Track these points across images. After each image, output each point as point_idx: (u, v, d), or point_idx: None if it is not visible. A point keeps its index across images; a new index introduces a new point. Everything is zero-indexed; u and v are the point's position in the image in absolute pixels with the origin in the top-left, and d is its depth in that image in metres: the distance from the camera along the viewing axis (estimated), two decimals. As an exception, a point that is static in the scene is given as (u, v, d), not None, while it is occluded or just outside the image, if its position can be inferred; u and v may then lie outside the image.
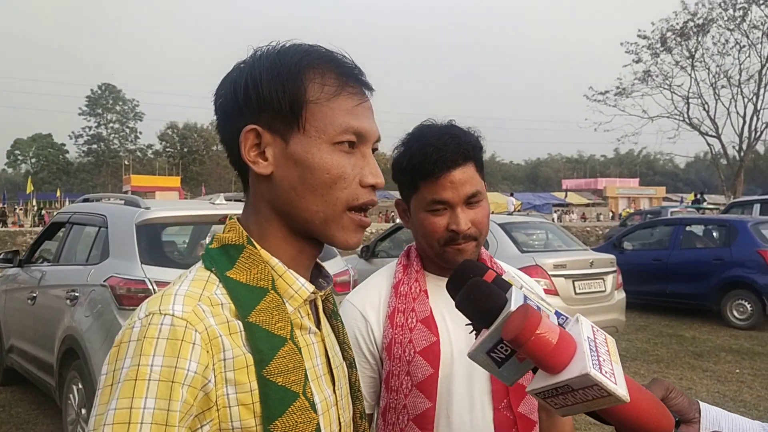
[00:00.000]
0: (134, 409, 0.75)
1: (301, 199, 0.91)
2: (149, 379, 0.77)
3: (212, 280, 0.89)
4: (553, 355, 0.77)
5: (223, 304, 0.87)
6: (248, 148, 0.91)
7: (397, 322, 1.43)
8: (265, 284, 0.90)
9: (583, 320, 0.85)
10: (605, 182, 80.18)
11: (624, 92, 33.45)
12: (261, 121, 0.91)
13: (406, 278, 1.50)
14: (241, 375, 0.83)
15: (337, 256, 5.43)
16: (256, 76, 0.91)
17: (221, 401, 0.82)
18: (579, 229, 31.49)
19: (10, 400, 6.14)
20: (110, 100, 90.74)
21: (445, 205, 1.40)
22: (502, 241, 7.47)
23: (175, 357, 0.78)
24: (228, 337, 0.84)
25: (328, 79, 0.92)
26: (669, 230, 11.38)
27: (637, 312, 10.60)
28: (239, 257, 0.91)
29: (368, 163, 0.95)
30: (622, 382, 0.77)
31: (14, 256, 6.28)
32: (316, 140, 0.91)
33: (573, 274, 7.25)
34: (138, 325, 0.81)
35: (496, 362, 0.87)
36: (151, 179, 61.24)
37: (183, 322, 0.81)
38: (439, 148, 1.39)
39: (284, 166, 0.91)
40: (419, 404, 1.38)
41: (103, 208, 5.34)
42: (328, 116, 0.91)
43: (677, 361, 7.76)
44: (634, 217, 25.76)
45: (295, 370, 0.87)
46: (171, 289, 0.86)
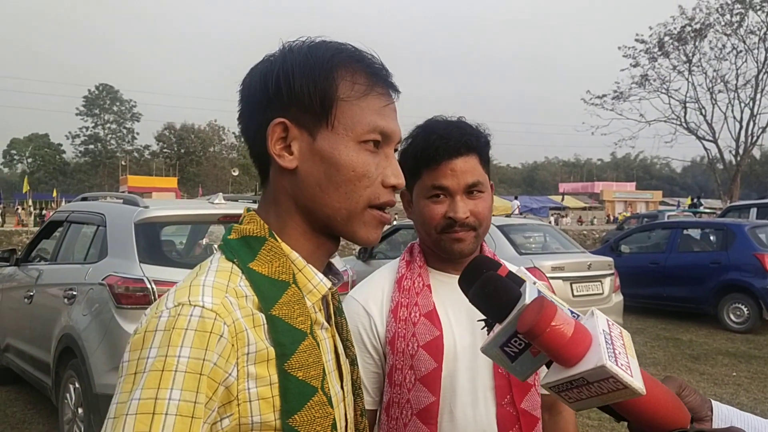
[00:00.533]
0: (159, 400, 0.74)
1: (325, 195, 0.91)
2: (176, 370, 0.75)
3: (235, 271, 0.89)
4: (568, 348, 0.77)
5: (247, 296, 0.86)
6: (275, 140, 0.91)
7: (401, 316, 1.43)
8: (286, 277, 0.90)
9: (599, 314, 0.84)
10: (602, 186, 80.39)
11: (621, 96, 33.54)
12: (290, 115, 0.91)
13: (409, 273, 1.50)
14: (261, 368, 0.83)
15: (335, 257, 5.42)
16: (288, 69, 0.91)
17: (242, 396, 0.81)
18: (576, 232, 31.50)
19: (6, 399, 6.12)
20: (107, 100, 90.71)
21: (444, 192, 1.41)
22: (500, 243, 7.47)
23: (203, 349, 0.77)
24: (252, 330, 0.83)
25: (358, 78, 0.92)
26: (666, 234, 11.40)
27: (634, 315, 10.60)
28: (261, 249, 0.91)
29: (391, 164, 0.95)
30: (638, 375, 0.76)
31: (11, 255, 6.25)
32: (344, 137, 0.91)
33: (571, 276, 7.27)
34: (166, 315, 0.80)
35: (510, 357, 0.86)
36: (148, 180, 61.17)
37: (212, 314, 0.80)
38: (443, 136, 1.41)
39: (310, 162, 0.91)
40: (423, 399, 1.38)
41: (102, 206, 5.32)
42: (357, 115, 0.92)
43: (674, 364, 7.77)
44: (631, 220, 25.83)
45: (314, 365, 0.87)
46: (198, 280, 0.85)
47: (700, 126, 33.14)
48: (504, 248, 7.44)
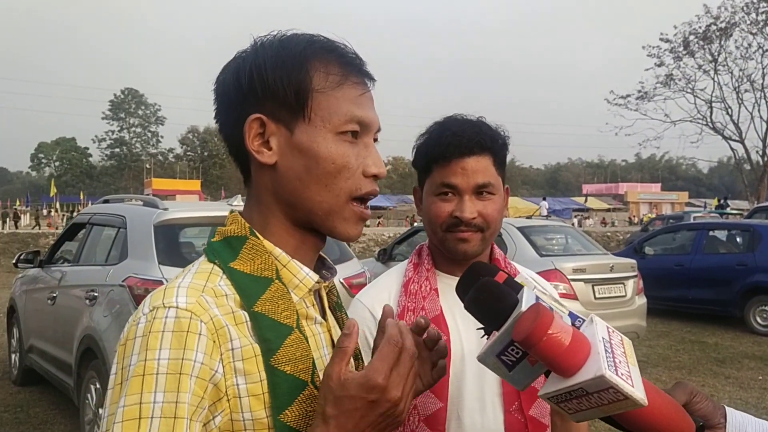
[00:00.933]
0: (144, 404, 0.74)
1: (306, 189, 0.90)
2: (157, 373, 0.75)
3: (215, 271, 0.88)
4: (566, 357, 0.74)
5: (227, 294, 0.86)
6: (252, 137, 0.90)
7: (407, 320, 1.40)
8: (269, 274, 0.89)
9: (598, 321, 0.81)
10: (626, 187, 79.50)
11: (646, 96, 33.07)
12: (265, 110, 0.90)
13: (417, 277, 1.47)
14: (249, 365, 0.82)
15: (353, 258, 5.42)
16: (261, 64, 0.90)
17: (231, 391, 0.81)
18: (599, 234, 31.18)
19: (29, 400, 6.20)
20: (133, 104, 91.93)
21: (453, 191, 1.38)
22: (521, 245, 7.41)
23: (181, 349, 0.77)
24: (234, 327, 0.83)
25: (332, 69, 0.91)
26: (692, 235, 11.22)
27: (658, 318, 10.45)
28: (242, 248, 0.90)
29: (371, 153, 0.94)
30: (639, 385, 0.73)
31: (35, 257, 6.35)
32: (321, 129, 0.90)
33: (592, 278, 7.17)
34: (143, 321, 0.80)
35: (507, 366, 0.84)
36: (172, 182, 61.89)
37: (188, 313, 0.79)
38: (456, 134, 1.37)
39: (289, 156, 0.90)
40: (430, 405, 1.35)
41: (123, 209, 5.38)
42: (333, 105, 0.90)
43: (699, 367, 7.63)
44: (656, 222, 25.48)
45: (303, 359, 0.86)
46: (174, 283, 0.85)
47: (727, 126, 32.59)
48: (524, 250, 7.37)
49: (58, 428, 5.40)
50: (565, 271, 7.00)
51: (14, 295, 6.97)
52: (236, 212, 0.96)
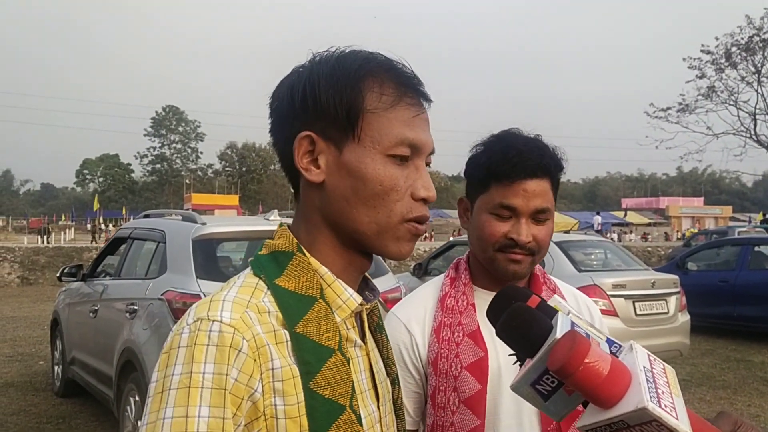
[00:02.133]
0: (190, 418, 0.74)
1: (353, 210, 0.89)
2: (202, 387, 0.76)
3: (260, 287, 0.87)
4: (604, 387, 0.70)
5: (270, 312, 0.85)
6: (302, 154, 0.90)
7: (444, 336, 1.39)
8: (313, 293, 0.88)
9: (638, 348, 0.77)
10: (668, 201, 77.90)
11: (687, 108, 32.37)
12: (316, 127, 0.89)
13: (453, 291, 1.45)
14: (288, 386, 0.81)
15: (388, 273, 5.40)
16: (315, 81, 0.89)
17: (269, 411, 0.80)
18: (639, 249, 30.55)
19: (71, 411, 6.31)
20: (173, 121, 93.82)
21: (511, 213, 1.36)
22: (559, 260, 7.29)
23: (224, 364, 0.77)
24: (275, 346, 0.82)
25: (386, 89, 0.90)
26: (736, 250, 10.92)
27: (702, 335, 10.15)
28: (288, 264, 0.89)
29: (421, 176, 0.92)
30: (684, 417, 0.69)
31: (78, 270, 6.49)
32: (371, 150, 0.88)
33: (633, 294, 7.01)
34: (187, 331, 0.80)
35: (542, 395, 0.80)
36: (211, 198, 62.77)
37: (231, 329, 0.79)
38: (522, 153, 1.35)
39: (337, 175, 0.89)
40: (467, 422, 1.33)
41: (162, 223, 5.47)
42: (384, 126, 0.89)
43: (745, 387, 7.38)
44: (699, 237, 24.90)
45: (342, 383, 0.84)
46: (219, 295, 0.85)
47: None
48: (563, 265, 7.25)
49: (99, 439, 5.48)
50: (605, 287, 6.85)
51: (57, 308, 7.13)
52: (285, 226, 0.95)
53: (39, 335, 10.49)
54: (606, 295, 6.82)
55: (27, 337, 10.72)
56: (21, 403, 6.59)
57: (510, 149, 1.36)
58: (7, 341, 10.30)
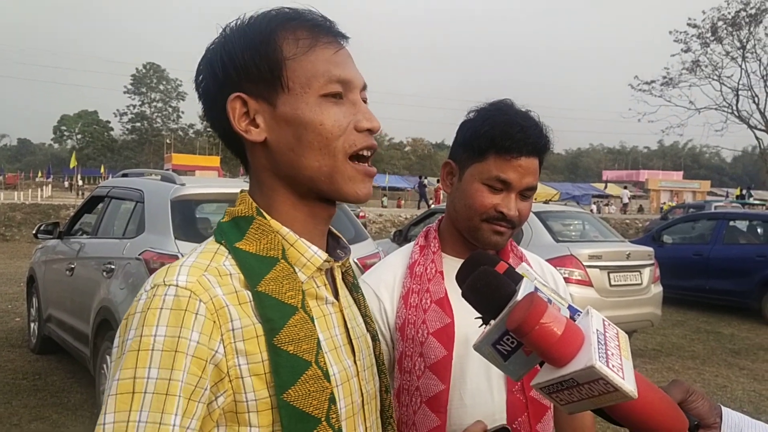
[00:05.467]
0: (138, 379, 0.76)
1: (301, 158, 0.90)
2: (152, 349, 0.77)
3: (221, 251, 0.89)
4: (558, 347, 0.74)
5: (231, 274, 0.86)
6: (237, 117, 0.91)
7: (411, 302, 1.41)
8: (275, 253, 0.89)
9: (594, 313, 0.81)
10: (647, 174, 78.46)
11: (671, 82, 32.53)
12: (244, 89, 0.90)
13: (422, 259, 1.47)
14: (251, 345, 0.83)
15: (368, 239, 5.42)
16: (230, 48, 0.91)
17: (233, 372, 0.81)
18: (618, 221, 30.91)
19: (47, 368, 6.32)
20: (154, 79, 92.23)
21: (503, 186, 1.38)
22: (537, 230, 7.36)
23: (178, 327, 0.78)
24: (237, 307, 0.84)
25: (300, 34, 0.91)
26: (711, 225, 11.10)
27: (674, 307, 10.38)
28: (249, 228, 0.91)
29: (360, 110, 0.93)
30: (630, 378, 0.73)
31: (54, 228, 6.43)
32: (303, 95, 0.89)
33: (608, 265, 7.12)
34: (144, 297, 0.82)
35: (502, 355, 0.84)
36: (192, 158, 62.07)
37: (187, 292, 0.80)
38: (525, 129, 1.37)
39: (277, 130, 0.90)
40: (432, 386, 1.36)
41: (140, 183, 5.42)
42: (308, 69, 0.90)
43: (713, 358, 7.59)
44: (676, 210, 25.22)
45: (306, 339, 0.86)
46: (179, 261, 0.86)
47: (753, 115, 31.98)
48: (541, 235, 7.32)
49: (75, 396, 5.50)
50: (581, 258, 6.95)
51: (34, 265, 7.08)
52: (245, 192, 0.96)
53: (15, 292, 10.42)
54: (582, 265, 6.92)
55: (3, 293, 10.65)
56: (-4, 360, 6.58)
57: (513, 124, 1.37)
58: (-18, 297, 10.24)
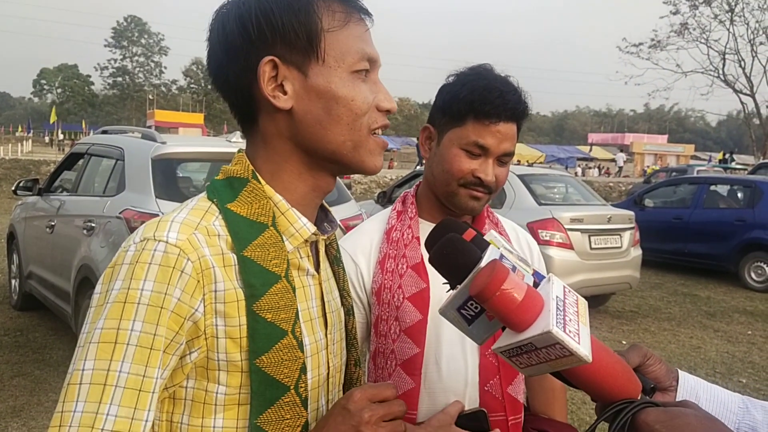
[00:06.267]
0: (121, 330, 0.77)
1: (328, 132, 0.90)
2: (138, 302, 0.78)
3: (212, 210, 0.89)
4: (517, 313, 0.77)
5: (220, 235, 0.86)
6: (266, 81, 0.88)
7: (388, 267, 1.42)
8: (265, 220, 0.89)
9: (555, 280, 0.83)
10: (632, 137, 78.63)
11: (659, 45, 32.47)
12: (276, 53, 0.88)
13: (399, 224, 1.48)
14: (231, 308, 0.84)
15: (351, 200, 5.42)
16: (267, 8, 0.88)
17: (210, 330, 0.83)
18: (602, 184, 31.09)
19: (28, 325, 6.32)
20: (136, 32, 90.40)
21: (482, 152, 1.38)
22: (520, 193, 7.40)
23: (165, 283, 0.79)
24: (222, 269, 0.84)
25: (335, 7, 0.90)
26: (692, 189, 11.20)
27: (653, 270, 10.54)
28: (242, 190, 0.90)
29: (381, 89, 0.94)
30: (586, 343, 0.75)
31: (33, 185, 6.36)
32: (337, 69, 0.89)
33: (589, 228, 7.19)
34: (132, 249, 0.81)
35: (467, 320, 0.86)
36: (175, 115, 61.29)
37: (177, 249, 0.81)
38: (504, 95, 1.36)
39: (306, 100, 0.89)
40: (407, 350, 1.38)
41: (121, 141, 5.35)
42: (344, 44, 0.89)
43: (689, 320, 7.74)
44: (659, 174, 25.41)
45: (286, 308, 0.87)
46: (169, 216, 0.86)
47: (738, 79, 32.10)
48: (523, 198, 7.36)
49: (56, 353, 5.52)
50: (563, 221, 7.01)
51: (14, 221, 7.01)
52: (243, 152, 0.95)
53: (-5, 248, 10.35)
54: (563, 228, 6.98)
55: (-17, 250, 10.58)
56: (-23, 316, 6.57)
57: (492, 89, 1.36)
58: (-38, 253, 10.16)
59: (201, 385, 0.84)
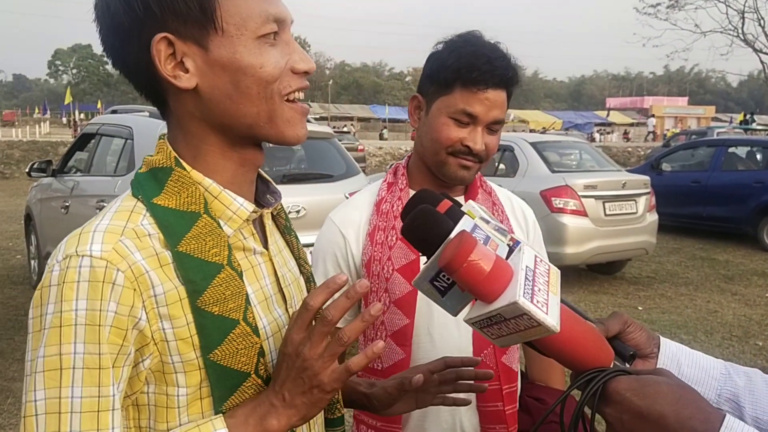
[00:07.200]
0: (64, 355, 0.74)
1: (239, 106, 0.84)
2: (75, 324, 0.74)
3: (138, 209, 0.83)
4: (485, 284, 0.76)
5: (150, 234, 0.81)
6: (163, 60, 0.81)
7: (377, 239, 1.41)
8: (196, 208, 0.84)
9: (526, 250, 0.82)
10: (652, 101, 77.54)
11: (676, 5, 31.64)
12: (169, 29, 0.81)
13: (389, 196, 1.47)
14: (174, 309, 0.80)
15: (359, 174, 5.39)
16: None
17: (158, 335, 0.79)
18: (620, 149, 30.75)
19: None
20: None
21: (470, 120, 1.36)
22: (533, 161, 7.34)
23: (98, 300, 0.75)
24: (159, 270, 0.80)
25: None
26: (711, 151, 11.02)
27: (671, 234, 10.44)
28: (168, 181, 0.85)
29: (295, 50, 0.87)
30: (554, 313, 0.75)
31: (47, 166, 6.42)
32: (239, 38, 0.82)
33: (604, 195, 7.13)
34: (57, 269, 0.77)
35: (440, 291, 0.86)
36: (190, 92, 61.15)
37: (103, 262, 0.76)
38: (492, 61, 1.33)
39: (211, 75, 0.82)
40: (396, 321, 1.38)
41: (130, 120, 5.36)
42: (243, 9, 0.82)
43: (707, 284, 7.68)
44: (679, 137, 25.04)
45: (233, 297, 0.83)
46: (90, 226, 0.81)
47: (758, 38, 31.24)
48: (536, 165, 7.30)
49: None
50: (576, 188, 6.96)
51: (30, 203, 7.10)
52: (164, 139, 0.90)
53: (15, 229, 10.50)
54: (577, 195, 6.93)
55: (3, 231, 10.75)
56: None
57: (480, 56, 1.34)
58: (-17, 236, 10.34)
59: (161, 390, 0.81)
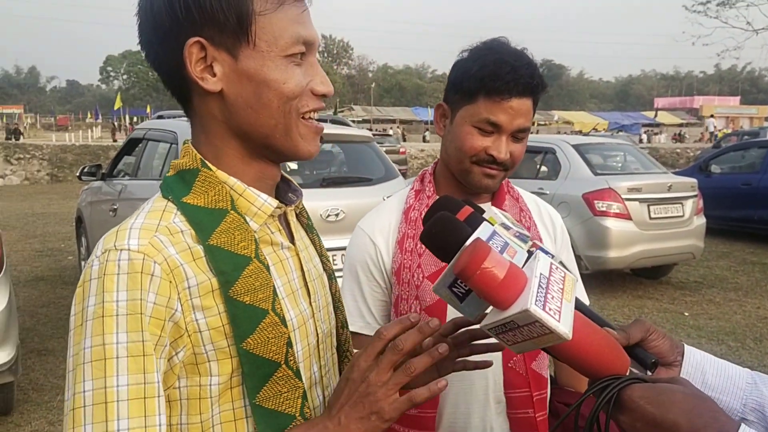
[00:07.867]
0: (107, 345, 0.77)
1: (259, 116, 0.89)
2: (117, 314, 0.77)
3: (169, 208, 0.88)
4: (499, 291, 0.77)
5: (183, 231, 0.86)
6: (194, 62, 0.87)
7: (407, 247, 1.42)
8: (224, 205, 0.89)
9: (541, 257, 0.83)
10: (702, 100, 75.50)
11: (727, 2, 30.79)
12: (205, 35, 0.86)
13: (417, 204, 1.48)
14: (207, 300, 0.84)
15: (398, 177, 5.41)
16: None
17: (191, 327, 0.83)
18: (668, 150, 30.05)
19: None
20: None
21: (494, 129, 1.37)
22: (575, 163, 7.24)
23: (138, 290, 0.79)
24: (192, 263, 0.84)
25: None
26: (762, 153, 10.67)
27: (720, 238, 10.17)
28: (195, 181, 0.90)
29: (318, 72, 0.92)
30: (566, 321, 0.75)
31: (97, 170, 6.62)
32: (269, 54, 0.87)
33: (648, 198, 6.98)
34: (96, 263, 0.81)
35: (458, 297, 0.87)
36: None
37: (140, 255, 0.80)
38: (516, 69, 1.33)
39: (236, 83, 0.88)
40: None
41: (174, 124, 5.49)
42: (277, 27, 0.87)
43: (757, 289, 7.45)
44: (731, 138, 24.33)
45: (262, 288, 0.87)
46: (126, 224, 0.85)
47: (816, 34, 30.20)
48: (579, 168, 7.20)
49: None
50: (620, 191, 6.83)
51: (81, 205, 7.34)
52: (189, 143, 0.94)
53: (67, 231, 10.84)
54: (620, 198, 6.80)
55: (56, 232, 11.12)
56: (51, 296, 6.92)
57: (504, 64, 1.33)
58: (37, 237, 10.71)
59: (194, 382, 0.84)
